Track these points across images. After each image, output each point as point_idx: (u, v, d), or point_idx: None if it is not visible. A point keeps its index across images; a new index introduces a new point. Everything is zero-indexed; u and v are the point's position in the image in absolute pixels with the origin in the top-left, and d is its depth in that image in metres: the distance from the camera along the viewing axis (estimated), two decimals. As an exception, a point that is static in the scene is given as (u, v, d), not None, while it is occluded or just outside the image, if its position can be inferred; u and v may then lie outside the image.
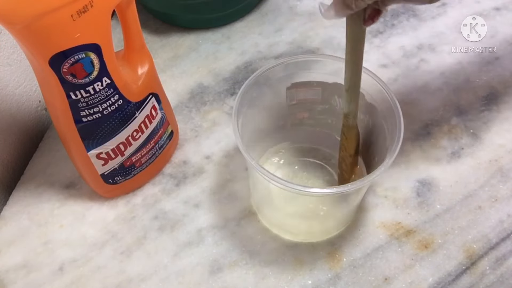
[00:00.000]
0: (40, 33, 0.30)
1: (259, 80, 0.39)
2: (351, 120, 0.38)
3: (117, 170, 0.42)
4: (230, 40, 0.58)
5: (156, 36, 0.59)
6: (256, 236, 0.42)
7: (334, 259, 0.41)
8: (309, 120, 0.44)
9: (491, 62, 0.53)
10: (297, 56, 0.39)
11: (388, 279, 0.39)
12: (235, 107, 0.37)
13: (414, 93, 0.51)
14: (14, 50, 0.47)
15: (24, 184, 0.47)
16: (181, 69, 0.55)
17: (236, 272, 0.40)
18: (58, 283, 0.40)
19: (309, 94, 0.42)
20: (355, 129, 0.39)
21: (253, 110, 0.39)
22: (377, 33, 0.57)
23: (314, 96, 0.42)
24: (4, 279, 0.41)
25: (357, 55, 0.34)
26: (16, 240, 0.43)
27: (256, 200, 0.43)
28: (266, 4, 0.61)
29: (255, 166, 0.34)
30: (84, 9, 0.30)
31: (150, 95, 0.41)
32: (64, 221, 0.44)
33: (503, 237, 0.41)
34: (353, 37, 0.34)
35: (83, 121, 0.36)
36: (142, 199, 0.45)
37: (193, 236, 0.42)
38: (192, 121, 0.50)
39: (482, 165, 0.46)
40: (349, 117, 0.38)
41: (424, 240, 0.41)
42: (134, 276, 0.40)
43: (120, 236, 0.43)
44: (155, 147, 0.44)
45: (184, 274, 0.40)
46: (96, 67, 0.34)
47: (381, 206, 0.43)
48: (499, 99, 0.50)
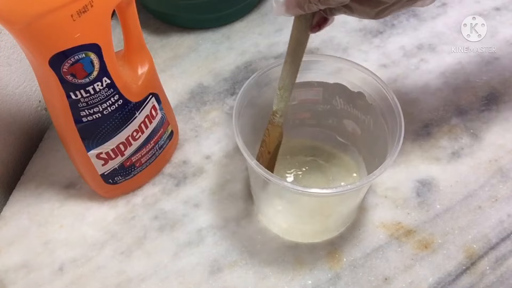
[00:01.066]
0: (40, 33, 0.30)
1: (260, 80, 0.39)
2: (278, 119, 0.38)
3: (117, 170, 0.42)
4: (230, 40, 0.58)
5: (156, 36, 0.59)
6: (256, 236, 0.42)
7: (334, 259, 0.41)
8: (310, 120, 0.44)
9: (491, 62, 0.53)
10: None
11: (388, 279, 0.39)
12: (235, 106, 0.37)
13: (414, 93, 0.51)
14: (14, 50, 0.47)
15: (24, 184, 0.47)
16: (181, 69, 0.55)
17: (236, 272, 0.40)
18: (58, 283, 0.40)
19: (310, 94, 0.42)
20: (279, 128, 0.39)
21: (253, 110, 0.39)
22: (377, 33, 0.57)
23: (315, 96, 0.42)
24: (4, 279, 0.41)
25: (297, 57, 0.35)
26: (16, 240, 0.43)
27: (256, 201, 0.43)
28: (266, 4, 0.61)
29: (255, 167, 0.34)
30: (84, 9, 0.30)
31: (150, 95, 0.41)
32: (64, 221, 0.44)
33: (503, 237, 0.41)
34: (297, 39, 0.35)
35: (83, 121, 0.36)
36: (142, 199, 0.45)
37: (193, 236, 0.42)
38: (192, 121, 0.50)
39: (482, 165, 0.46)
40: (276, 115, 0.38)
41: (424, 240, 0.41)
42: (134, 276, 0.40)
43: (120, 236, 0.43)
44: (155, 147, 0.44)
45: (184, 274, 0.40)
46: (96, 67, 0.34)
47: (381, 206, 0.43)
48: (499, 99, 0.50)
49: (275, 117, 0.38)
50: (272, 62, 0.39)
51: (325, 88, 0.41)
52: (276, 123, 0.39)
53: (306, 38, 0.35)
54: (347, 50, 0.56)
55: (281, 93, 0.37)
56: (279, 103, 0.38)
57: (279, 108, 0.38)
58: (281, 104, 0.38)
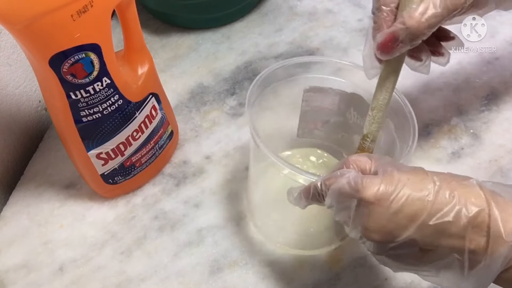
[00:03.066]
0: (40, 33, 0.30)
1: (276, 74, 0.37)
2: (368, 144, 0.35)
3: (117, 170, 0.42)
4: (230, 40, 0.58)
5: (156, 36, 0.59)
6: (256, 236, 0.42)
7: (334, 259, 0.41)
8: (320, 131, 0.43)
9: (491, 62, 0.53)
10: (328, 58, 0.38)
11: (388, 279, 0.39)
12: (248, 96, 0.35)
13: (414, 93, 0.51)
14: (14, 50, 0.47)
15: (24, 184, 0.47)
16: (181, 69, 0.55)
17: (236, 272, 0.40)
18: (58, 283, 0.40)
19: (325, 102, 0.40)
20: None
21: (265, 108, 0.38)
22: (377, 33, 0.57)
23: (330, 105, 0.40)
24: (4, 279, 0.41)
25: (395, 73, 0.34)
26: (16, 240, 0.43)
27: (255, 203, 0.42)
28: (266, 4, 0.61)
29: (272, 156, 0.31)
30: (84, 9, 0.30)
31: (150, 95, 0.41)
32: (64, 221, 0.44)
33: (503, 237, 0.41)
34: (397, 58, 0.33)
35: (83, 121, 0.36)
36: (142, 199, 0.45)
37: (193, 236, 0.42)
38: (192, 121, 0.50)
39: (482, 165, 0.46)
40: (367, 139, 0.35)
41: (424, 240, 0.41)
42: (134, 276, 0.40)
43: (120, 236, 0.43)
44: (155, 147, 0.44)
45: (184, 274, 0.40)
46: (96, 67, 0.34)
47: (381, 206, 0.43)
48: (499, 99, 0.50)
49: (365, 141, 0.35)
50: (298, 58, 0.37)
51: (341, 97, 0.39)
52: (366, 148, 0.35)
53: (405, 55, 0.34)
54: (347, 50, 0.56)
55: (373, 114, 0.34)
56: (370, 125, 0.34)
57: (370, 131, 0.35)
58: (373, 127, 0.34)
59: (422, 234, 0.25)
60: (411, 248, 0.26)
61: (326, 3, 0.61)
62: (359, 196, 0.26)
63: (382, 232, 0.26)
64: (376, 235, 0.26)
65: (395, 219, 0.26)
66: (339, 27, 0.58)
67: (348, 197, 0.27)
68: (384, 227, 0.26)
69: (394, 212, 0.26)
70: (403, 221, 0.26)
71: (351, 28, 0.57)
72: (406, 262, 0.27)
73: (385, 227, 0.26)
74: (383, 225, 0.26)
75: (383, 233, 0.26)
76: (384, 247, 0.27)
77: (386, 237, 0.26)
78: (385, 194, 0.26)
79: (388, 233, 0.26)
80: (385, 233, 0.26)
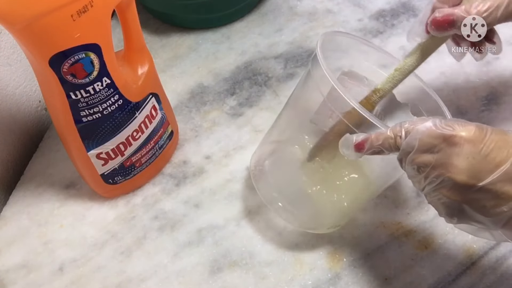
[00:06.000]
0: (40, 33, 0.30)
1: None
2: (375, 98, 0.36)
3: (117, 170, 0.42)
4: (230, 40, 0.58)
5: (156, 36, 0.59)
6: (256, 236, 0.42)
7: (334, 259, 0.41)
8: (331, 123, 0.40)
9: (491, 62, 0.53)
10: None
11: (388, 279, 0.39)
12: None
13: (414, 93, 0.51)
14: (14, 50, 0.47)
15: (24, 184, 0.47)
16: (181, 69, 0.55)
17: (236, 272, 0.40)
18: (58, 283, 0.40)
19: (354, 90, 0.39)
20: (371, 108, 0.37)
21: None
22: (377, 33, 0.57)
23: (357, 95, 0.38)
24: (4, 279, 0.41)
25: (431, 50, 0.36)
26: (16, 240, 0.43)
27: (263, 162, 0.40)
28: (266, 4, 0.61)
29: (331, 78, 0.31)
30: (84, 9, 0.30)
31: (150, 95, 0.41)
32: (64, 221, 0.44)
33: (503, 237, 0.41)
34: (444, 37, 0.35)
35: (83, 121, 0.36)
36: (142, 199, 0.45)
37: (193, 236, 0.42)
38: (192, 121, 0.50)
39: (482, 165, 0.46)
40: (377, 94, 0.36)
41: (424, 240, 0.41)
42: (134, 276, 0.40)
43: (120, 236, 0.43)
44: (155, 147, 0.44)
45: (184, 274, 0.40)
46: (96, 67, 0.34)
47: (381, 206, 0.43)
48: (499, 99, 0.50)
49: (374, 95, 0.36)
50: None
51: None
52: (372, 101, 0.36)
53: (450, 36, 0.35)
54: (347, 50, 0.55)
55: (394, 74, 0.35)
56: (386, 83, 0.36)
57: (383, 87, 0.36)
58: (388, 85, 0.36)
59: (504, 180, 0.27)
60: (489, 194, 0.27)
61: (326, 3, 0.61)
62: (455, 133, 0.27)
63: (469, 172, 0.27)
64: (463, 176, 0.27)
65: (484, 162, 0.27)
66: (339, 27, 0.58)
67: (438, 138, 0.28)
68: (473, 167, 0.27)
69: (484, 155, 0.27)
70: (490, 165, 0.27)
71: (351, 28, 0.57)
72: (480, 210, 0.28)
73: (474, 168, 0.27)
74: (473, 164, 0.27)
75: (470, 173, 0.27)
76: (465, 192, 0.28)
77: (471, 179, 0.27)
78: (479, 136, 0.27)
79: (475, 175, 0.27)
80: (472, 173, 0.27)
